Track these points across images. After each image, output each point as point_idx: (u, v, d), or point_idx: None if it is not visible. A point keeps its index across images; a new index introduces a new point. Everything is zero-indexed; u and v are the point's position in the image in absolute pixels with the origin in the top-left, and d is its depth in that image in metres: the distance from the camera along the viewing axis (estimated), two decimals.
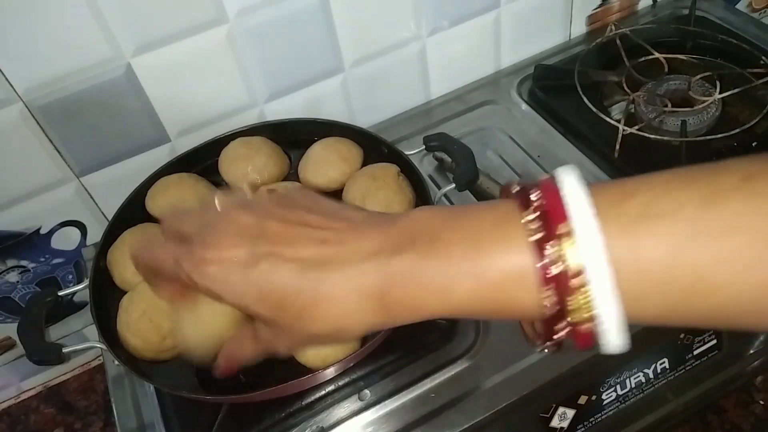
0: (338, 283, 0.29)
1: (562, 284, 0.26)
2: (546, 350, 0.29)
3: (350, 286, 0.29)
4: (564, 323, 0.27)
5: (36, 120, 0.61)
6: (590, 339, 0.27)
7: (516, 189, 0.28)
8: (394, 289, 0.29)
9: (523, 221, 0.27)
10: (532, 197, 0.27)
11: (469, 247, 0.28)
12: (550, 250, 0.26)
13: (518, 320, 0.30)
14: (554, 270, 0.26)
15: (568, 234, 0.25)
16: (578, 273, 0.25)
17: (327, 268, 0.29)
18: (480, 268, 0.28)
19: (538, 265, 0.26)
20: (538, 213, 0.26)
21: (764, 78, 0.71)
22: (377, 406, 0.53)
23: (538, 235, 0.26)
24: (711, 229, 0.24)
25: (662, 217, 0.25)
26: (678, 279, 0.25)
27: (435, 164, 0.73)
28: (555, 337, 0.27)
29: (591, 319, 0.26)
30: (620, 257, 0.25)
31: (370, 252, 0.29)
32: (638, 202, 0.26)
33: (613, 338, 0.26)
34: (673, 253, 0.25)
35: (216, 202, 0.33)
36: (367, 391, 0.54)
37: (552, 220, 0.26)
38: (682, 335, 0.61)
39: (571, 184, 0.26)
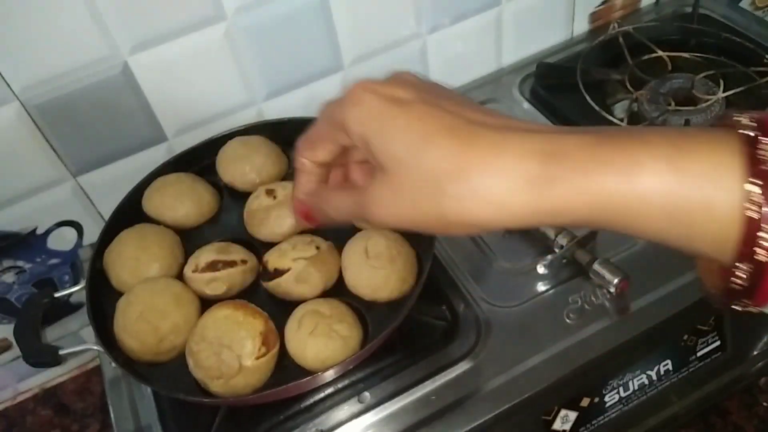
0: (502, 140, 0.27)
1: None
2: (739, 294, 0.25)
3: (515, 146, 0.26)
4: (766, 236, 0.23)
5: (32, 119, 0.61)
6: None
7: (726, 111, 0.26)
8: (563, 160, 0.25)
9: (736, 122, 0.24)
10: (752, 115, 0.25)
11: (671, 136, 0.25)
12: (765, 147, 0.23)
13: (690, 239, 0.26)
14: (766, 167, 0.23)
15: None
16: None
17: (490, 128, 0.27)
18: (679, 155, 0.24)
19: (748, 158, 0.23)
20: (755, 119, 0.24)
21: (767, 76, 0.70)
22: (377, 409, 0.53)
23: (752, 133, 0.24)
24: None
25: None
26: None
27: None
28: (758, 253, 0.23)
29: None
30: None
31: (540, 129, 0.27)
32: None
33: None
34: None
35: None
36: (366, 394, 0.53)
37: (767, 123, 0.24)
38: (685, 336, 0.61)
39: None
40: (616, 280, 0.55)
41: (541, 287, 0.59)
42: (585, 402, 0.57)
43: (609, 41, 0.80)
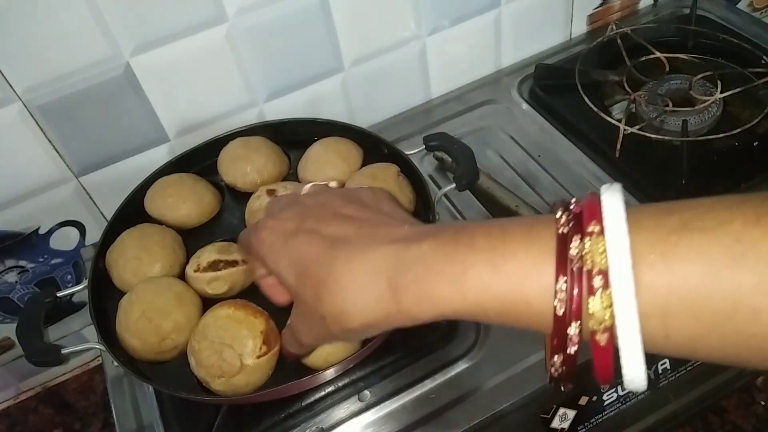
0: (354, 260, 0.30)
1: (580, 280, 0.24)
2: (559, 381, 0.27)
3: (364, 265, 0.30)
4: (577, 325, 0.25)
5: (35, 120, 0.61)
6: (609, 359, 0.24)
7: (557, 201, 0.27)
8: (406, 273, 0.28)
9: (556, 220, 0.26)
10: (571, 205, 0.26)
11: (494, 238, 0.27)
12: (576, 245, 0.25)
13: (527, 328, 0.28)
14: (576, 265, 0.24)
15: (598, 233, 0.24)
16: (601, 273, 0.24)
17: (350, 247, 0.31)
18: (500, 258, 0.26)
19: (558, 257, 0.25)
20: (571, 214, 0.26)
21: (765, 77, 0.71)
22: (377, 407, 0.53)
23: (566, 230, 0.25)
24: (759, 249, 0.22)
25: (703, 232, 0.23)
26: (714, 300, 0.23)
27: (435, 164, 0.73)
28: (569, 347, 0.25)
29: (608, 328, 0.24)
30: (651, 267, 0.23)
31: (394, 239, 0.30)
32: (678, 217, 0.24)
33: (633, 362, 0.24)
34: (711, 271, 0.23)
35: (306, 188, 0.39)
36: (367, 392, 0.54)
37: (584, 220, 0.25)
38: None
39: (611, 194, 0.25)
40: None
41: None
42: (583, 400, 0.58)
43: (607, 43, 0.81)
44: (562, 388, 0.27)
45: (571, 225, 0.25)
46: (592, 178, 0.68)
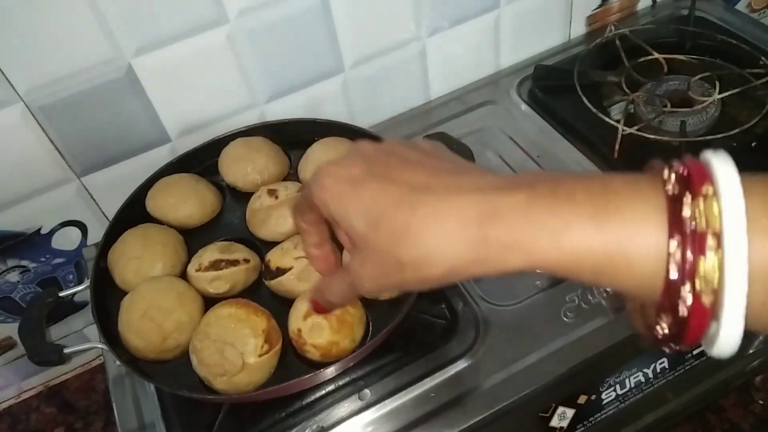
0: (439, 206, 0.29)
1: (693, 241, 0.24)
2: (665, 342, 0.26)
3: (450, 211, 0.28)
4: (688, 287, 0.24)
5: (37, 120, 0.62)
6: (705, 321, 0.24)
7: (652, 163, 0.27)
8: (498, 222, 0.27)
9: (663, 180, 0.25)
10: (672, 165, 0.26)
11: (596, 194, 0.26)
12: (688, 206, 0.24)
13: (619, 287, 0.27)
14: (690, 226, 0.24)
15: (711, 195, 0.24)
16: (714, 235, 0.24)
17: (432, 193, 0.29)
18: (604, 214, 0.26)
19: (670, 217, 0.24)
20: (679, 175, 0.25)
21: (763, 78, 0.71)
22: (377, 406, 0.53)
23: (677, 191, 0.25)
24: None
25: None
26: None
27: None
28: (680, 308, 0.24)
29: (715, 291, 0.24)
30: (764, 232, 0.23)
31: (481, 186, 0.29)
32: None
33: (733, 325, 0.24)
34: None
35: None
36: (367, 391, 0.54)
37: (695, 181, 0.25)
38: None
39: (723, 159, 0.25)
40: None
41: (538, 286, 0.59)
42: (582, 399, 0.58)
43: (606, 44, 0.81)
44: (668, 349, 0.27)
45: (680, 185, 0.25)
46: None
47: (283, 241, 0.56)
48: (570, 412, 0.58)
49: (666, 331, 0.26)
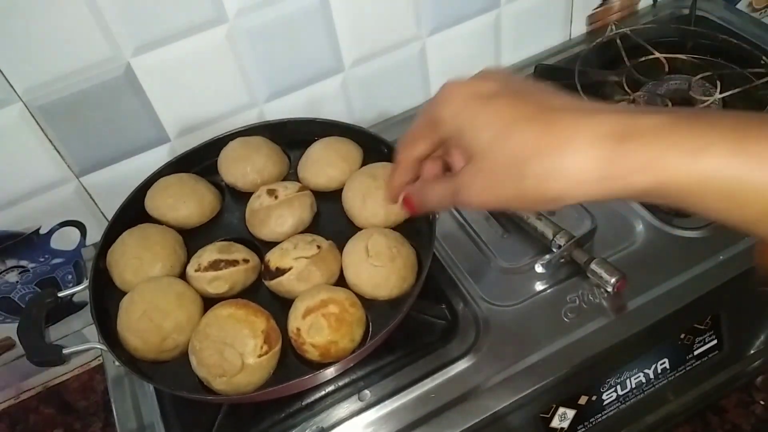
0: (578, 122, 0.29)
1: None
2: None
3: (589, 127, 0.29)
4: None
5: (35, 120, 0.61)
6: None
7: None
8: (637, 139, 0.27)
9: None
10: None
11: (743, 124, 0.26)
12: None
13: (739, 221, 0.27)
14: None
15: None
16: None
17: (568, 112, 0.30)
18: (748, 141, 0.25)
19: None
20: None
21: (764, 78, 0.71)
22: (377, 407, 0.53)
23: None
24: None
25: None
26: None
27: None
28: None
29: None
30: None
31: (618, 109, 0.29)
32: None
33: None
34: None
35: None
36: (367, 392, 0.54)
37: None
38: (682, 335, 0.61)
39: None
40: (613, 280, 0.56)
41: (539, 286, 0.59)
42: (583, 400, 0.58)
43: (607, 43, 0.81)
44: None
45: None
46: None
47: (283, 242, 0.55)
48: (571, 413, 0.58)
49: None
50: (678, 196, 0.27)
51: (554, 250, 0.59)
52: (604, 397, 0.59)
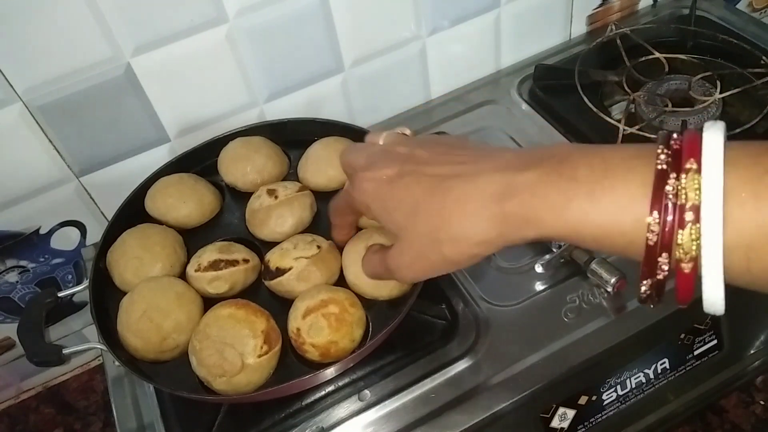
0: (466, 189, 0.33)
1: (672, 214, 0.26)
2: (647, 301, 0.29)
3: (476, 192, 0.33)
4: (666, 256, 0.27)
5: (35, 120, 0.61)
6: (690, 284, 0.27)
7: (661, 133, 0.29)
8: (514, 199, 0.31)
9: (656, 155, 0.28)
10: (672, 139, 0.28)
11: (596, 171, 0.29)
12: (672, 181, 0.26)
13: (620, 254, 0.30)
14: (671, 200, 0.26)
15: (694, 171, 0.26)
16: (693, 208, 0.26)
17: (459, 179, 0.34)
18: (600, 191, 0.29)
19: (654, 192, 0.27)
20: (671, 150, 0.27)
21: (764, 78, 0.71)
22: (377, 407, 0.53)
23: (665, 167, 0.27)
24: None
25: None
26: None
27: None
28: (657, 273, 0.28)
29: (694, 258, 0.26)
30: (741, 204, 0.25)
31: (499, 167, 0.33)
32: None
33: (714, 289, 0.26)
34: None
35: (381, 138, 0.41)
36: (367, 392, 0.54)
37: (683, 156, 0.27)
38: (682, 335, 0.61)
39: (713, 132, 0.27)
40: (613, 280, 0.56)
41: (539, 286, 0.59)
42: (583, 400, 0.58)
43: (606, 43, 0.81)
44: (651, 305, 0.30)
45: (669, 161, 0.27)
46: None
47: (283, 242, 0.55)
48: (571, 413, 0.58)
49: (646, 292, 0.29)
50: (562, 240, 0.33)
51: (554, 250, 0.60)
52: (604, 397, 0.59)
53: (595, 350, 0.54)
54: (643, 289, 0.29)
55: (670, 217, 0.26)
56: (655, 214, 0.27)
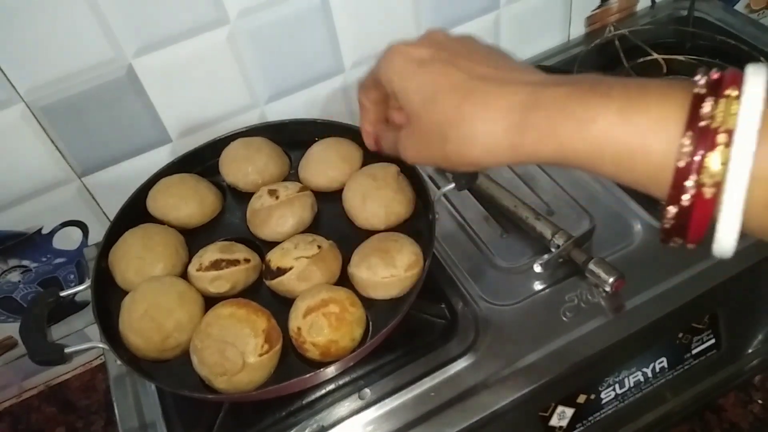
0: (490, 93, 0.32)
1: (705, 137, 0.26)
2: (671, 235, 0.28)
3: (498, 99, 0.32)
4: (693, 180, 0.26)
5: (38, 120, 0.62)
6: (707, 215, 0.26)
7: (702, 69, 0.28)
8: (539, 111, 0.30)
9: (694, 82, 0.27)
10: (713, 71, 0.27)
11: (631, 91, 0.29)
12: (709, 104, 0.26)
13: (635, 181, 0.29)
14: (706, 122, 0.26)
15: (734, 97, 0.26)
16: (727, 131, 0.25)
17: (487, 82, 0.33)
18: (633, 108, 0.28)
19: (690, 114, 0.26)
20: (710, 79, 0.27)
21: None
22: (377, 405, 0.53)
23: (703, 91, 0.26)
24: None
25: None
26: None
27: None
28: (682, 198, 0.27)
29: (718, 183, 0.26)
30: None
31: (531, 81, 0.32)
32: None
33: (730, 221, 0.26)
34: None
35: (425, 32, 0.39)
36: (367, 390, 0.54)
37: (724, 84, 0.26)
38: (680, 335, 0.61)
39: (757, 69, 0.26)
40: (611, 279, 0.56)
41: (538, 286, 0.60)
42: (581, 399, 0.58)
43: (605, 44, 0.81)
44: (673, 243, 0.29)
45: (708, 88, 0.26)
46: (591, 179, 0.69)
47: (284, 241, 0.56)
48: (569, 412, 0.58)
49: (672, 222, 0.28)
50: (576, 161, 0.30)
51: (553, 249, 0.60)
52: (602, 395, 0.59)
53: (593, 349, 0.55)
54: (668, 217, 0.28)
55: (702, 139, 0.26)
56: (688, 134, 0.26)
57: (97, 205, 0.71)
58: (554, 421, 0.57)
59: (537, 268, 0.59)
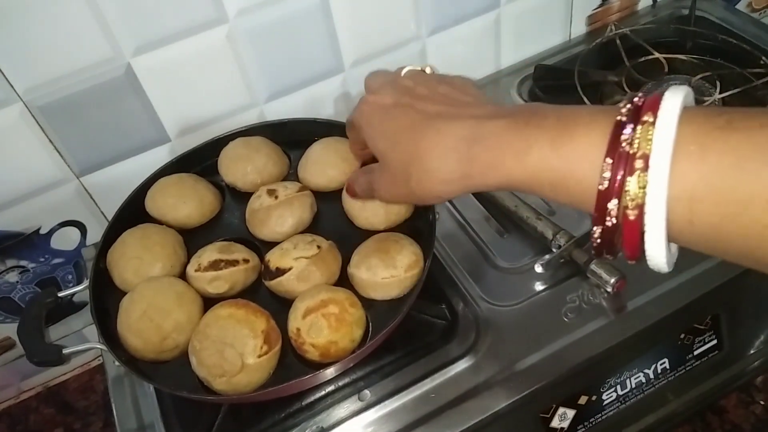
0: (442, 129, 0.36)
1: (624, 162, 0.27)
2: (599, 249, 0.30)
3: (450, 133, 0.35)
4: (615, 204, 0.28)
5: (36, 120, 0.62)
6: (635, 235, 0.28)
7: (629, 94, 0.31)
8: (480, 143, 0.34)
9: (619, 109, 0.29)
10: (636, 97, 0.29)
11: (561, 121, 0.31)
12: (628, 131, 0.28)
13: (573, 203, 0.31)
14: (625, 149, 0.28)
15: (650, 123, 0.27)
16: (643, 157, 0.27)
17: (440, 119, 0.36)
18: (561, 139, 0.31)
19: (611, 141, 0.28)
20: (633, 105, 0.29)
21: (764, 78, 0.71)
22: (377, 407, 0.53)
23: (624, 119, 0.28)
24: None
25: (743, 131, 0.26)
26: (736, 191, 0.25)
27: None
28: (607, 219, 0.28)
29: (640, 206, 0.27)
30: (689, 156, 0.26)
31: (477, 114, 0.36)
32: (727, 117, 0.27)
33: (656, 240, 0.27)
34: (739, 164, 0.25)
35: (404, 70, 0.44)
36: (367, 392, 0.54)
37: (642, 110, 0.28)
38: (682, 335, 0.61)
39: (675, 92, 0.28)
40: (612, 280, 0.56)
41: (539, 286, 0.59)
42: (583, 400, 0.58)
43: (606, 43, 0.81)
44: (605, 258, 0.31)
45: (629, 114, 0.28)
46: None
47: (283, 242, 0.56)
48: (571, 413, 0.58)
49: (597, 240, 0.30)
50: (521, 187, 0.33)
51: (554, 250, 0.60)
52: (604, 397, 0.59)
53: (595, 350, 0.54)
54: (594, 237, 0.30)
55: (622, 164, 0.27)
56: (609, 160, 0.28)
57: (96, 205, 0.70)
58: (555, 423, 0.57)
59: (538, 269, 0.59)
